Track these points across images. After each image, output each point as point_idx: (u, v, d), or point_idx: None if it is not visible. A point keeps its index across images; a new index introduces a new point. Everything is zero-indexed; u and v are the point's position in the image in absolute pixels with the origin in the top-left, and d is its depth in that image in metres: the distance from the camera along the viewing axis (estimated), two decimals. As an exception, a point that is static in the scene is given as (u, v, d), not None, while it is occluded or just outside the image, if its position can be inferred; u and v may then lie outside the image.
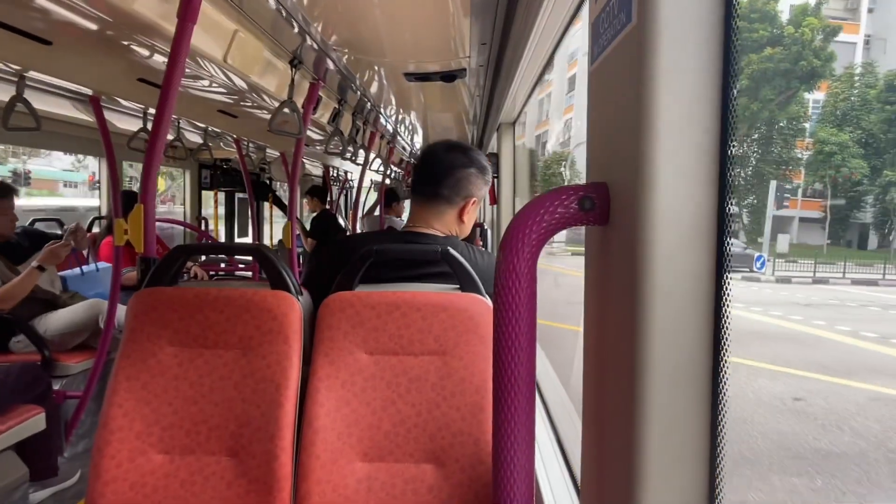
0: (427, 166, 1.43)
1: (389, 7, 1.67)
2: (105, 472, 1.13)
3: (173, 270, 1.28)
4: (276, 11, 1.70)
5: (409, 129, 4.47)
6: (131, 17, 1.52)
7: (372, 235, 1.56)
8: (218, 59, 1.86)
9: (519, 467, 0.53)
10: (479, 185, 1.44)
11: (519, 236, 0.50)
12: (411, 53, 2.15)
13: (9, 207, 2.61)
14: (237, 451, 1.16)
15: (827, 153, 22.09)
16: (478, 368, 1.20)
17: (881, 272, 16.62)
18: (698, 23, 0.43)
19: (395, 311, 1.22)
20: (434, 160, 1.42)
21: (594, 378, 0.58)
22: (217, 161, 5.28)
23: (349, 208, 8.36)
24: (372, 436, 1.18)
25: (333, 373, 1.20)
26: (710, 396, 0.47)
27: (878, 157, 22.19)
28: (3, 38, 1.64)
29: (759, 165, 23.28)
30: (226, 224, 6.27)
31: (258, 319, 1.21)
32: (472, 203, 1.43)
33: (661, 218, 0.45)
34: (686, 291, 0.46)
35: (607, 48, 0.53)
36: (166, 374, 1.19)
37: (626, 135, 0.48)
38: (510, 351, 0.51)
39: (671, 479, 0.46)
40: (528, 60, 1.70)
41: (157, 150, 1.44)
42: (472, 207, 1.44)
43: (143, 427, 1.17)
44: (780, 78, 21.83)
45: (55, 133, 3.10)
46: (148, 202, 1.42)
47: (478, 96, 2.98)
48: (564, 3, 1.24)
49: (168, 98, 1.40)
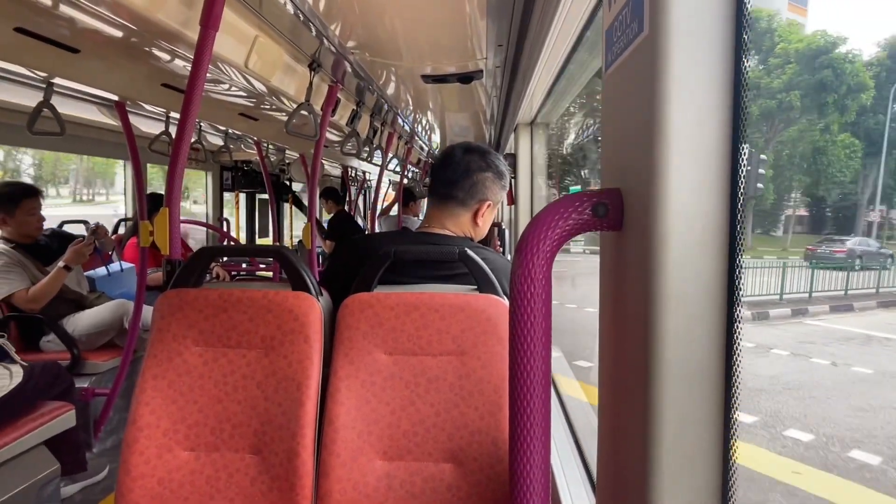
0: (444, 168, 1.44)
1: (406, 10, 1.69)
2: (134, 468, 1.17)
3: (198, 272, 1.32)
4: (294, 16, 1.73)
5: (426, 129, 4.49)
6: (155, 25, 1.56)
7: (387, 236, 1.58)
8: (239, 64, 1.89)
9: (535, 466, 0.54)
10: (495, 190, 1.45)
11: (534, 241, 0.51)
12: (428, 55, 2.17)
13: (36, 208, 2.68)
14: (260, 448, 1.19)
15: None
16: (495, 369, 1.21)
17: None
18: (709, 33, 0.43)
19: (414, 311, 1.23)
20: (451, 162, 1.43)
21: (610, 379, 0.59)
22: (237, 163, 5.36)
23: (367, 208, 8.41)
24: (391, 434, 1.20)
25: (353, 372, 1.22)
26: (723, 398, 0.48)
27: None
28: (33, 46, 1.69)
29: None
30: (246, 225, 6.36)
31: (280, 320, 1.23)
32: (486, 206, 1.44)
33: (674, 223, 0.45)
34: (699, 296, 0.46)
35: (620, 56, 0.54)
36: (192, 373, 1.23)
37: (639, 142, 0.49)
38: (526, 353, 0.52)
39: (685, 478, 0.47)
40: (544, 62, 1.70)
41: (181, 153, 1.47)
42: (487, 211, 1.45)
43: (170, 424, 1.20)
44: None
45: (78, 137, 3.18)
46: (173, 205, 1.46)
47: (495, 97, 2.99)
48: (580, 7, 1.25)
49: (192, 103, 1.43)
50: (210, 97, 2.57)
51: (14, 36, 1.60)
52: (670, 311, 0.46)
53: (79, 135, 3.17)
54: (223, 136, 3.90)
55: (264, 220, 6.60)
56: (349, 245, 1.49)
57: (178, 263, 1.39)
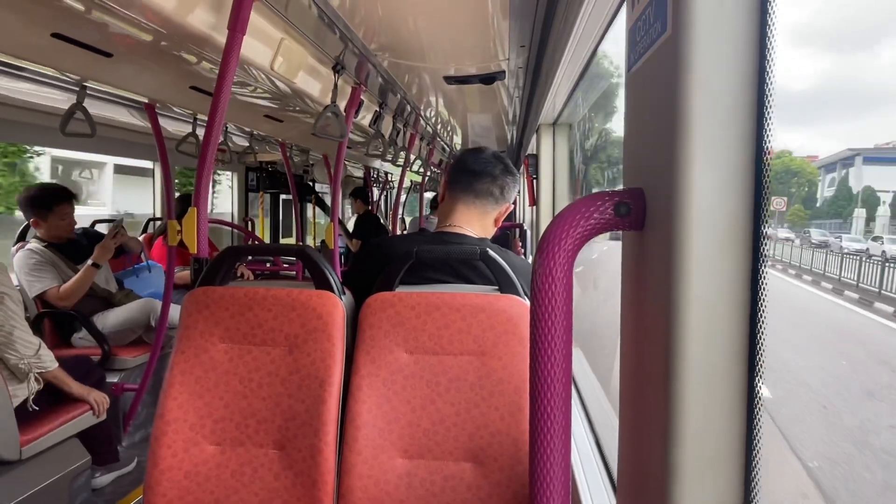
0: (482, 162, 1.44)
1: (429, 12, 1.70)
2: (161, 461, 1.20)
3: (224, 270, 1.34)
4: (319, 19, 1.75)
5: (448, 130, 4.50)
6: (184, 29, 1.60)
7: (407, 238, 1.58)
8: (265, 67, 1.93)
9: (555, 466, 0.55)
10: (514, 193, 1.50)
11: (555, 241, 0.52)
12: (451, 57, 2.17)
13: (69, 212, 2.75)
14: (284, 444, 1.21)
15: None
16: (516, 369, 1.20)
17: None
18: (733, 32, 0.43)
19: (435, 311, 1.24)
20: (487, 158, 1.44)
21: (631, 378, 0.59)
22: (262, 164, 5.44)
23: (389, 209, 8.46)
24: (412, 433, 1.20)
25: (374, 371, 1.23)
26: (746, 399, 0.47)
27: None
28: (69, 51, 1.74)
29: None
30: (271, 225, 6.44)
31: (303, 318, 1.25)
32: (508, 208, 1.49)
33: (697, 223, 0.45)
34: (722, 295, 0.46)
35: (644, 55, 0.54)
36: (218, 370, 1.25)
37: (661, 141, 0.49)
38: (546, 353, 0.52)
39: (706, 480, 0.47)
40: (567, 62, 1.69)
41: (209, 155, 1.50)
42: (506, 212, 1.50)
43: (197, 419, 1.23)
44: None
45: (108, 138, 3.25)
46: (200, 205, 1.49)
47: (517, 98, 2.98)
48: (604, 6, 1.24)
49: (219, 105, 1.46)
50: (237, 99, 2.62)
51: (50, 41, 1.65)
52: (692, 312, 0.46)
53: (108, 136, 3.24)
54: (248, 137, 3.97)
55: (288, 220, 6.69)
56: (369, 248, 1.51)
57: (206, 262, 1.42)
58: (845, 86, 66.76)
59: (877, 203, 14.41)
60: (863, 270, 9.52)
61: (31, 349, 1.93)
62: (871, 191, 15.02)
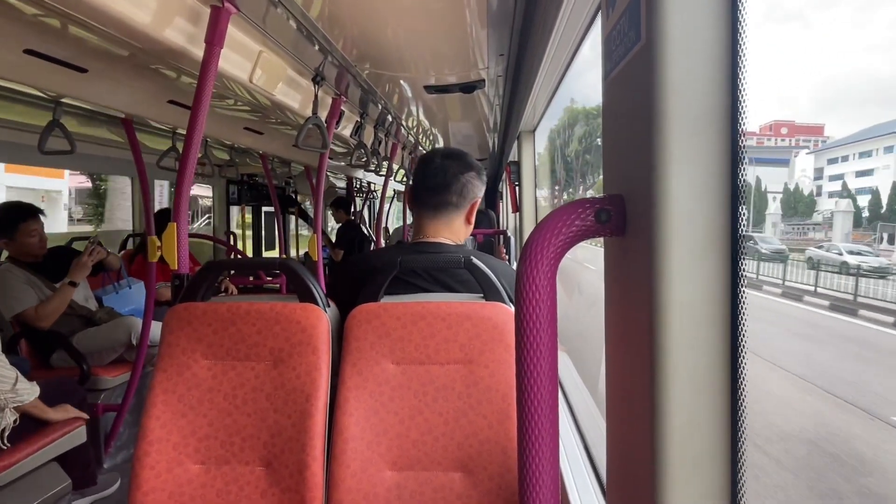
0: (431, 176, 1.43)
1: (407, 22, 1.71)
2: (145, 483, 1.17)
3: (205, 286, 1.33)
4: (297, 31, 1.75)
5: (430, 138, 4.52)
6: (161, 43, 1.58)
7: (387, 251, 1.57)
8: (244, 80, 1.92)
9: (544, 473, 0.55)
10: (479, 186, 1.47)
11: (538, 249, 0.52)
12: (430, 66, 2.18)
13: (36, 229, 2.67)
14: (270, 460, 1.19)
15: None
16: (503, 377, 1.20)
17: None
18: (705, 41, 0.44)
19: (421, 321, 1.24)
20: (437, 169, 1.42)
21: (617, 381, 0.59)
22: (243, 176, 5.41)
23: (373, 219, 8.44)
24: (400, 444, 1.20)
25: (361, 383, 1.22)
26: (730, 401, 0.48)
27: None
28: (43, 68, 1.71)
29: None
30: (253, 237, 6.39)
31: (288, 332, 1.24)
32: (475, 204, 1.47)
33: (676, 227, 0.46)
34: (703, 297, 0.47)
35: (619, 63, 0.54)
36: (201, 387, 1.23)
37: (639, 147, 0.49)
38: (532, 359, 0.53)
39: (693, 481, 0.47)
40: (545, 70, 1.71)
41: (188, 169, 1.49)
42: (474, 208, 1.47)
43: (180, 438, 1.21)
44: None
45: (86, 155, 3.20)
46: (180, 220, 1.47)
47: (497, 105, 3.00)
48: (580, 15, 1.26)
49: (198, 119, 1.45)
50: (216, 112, 2.60)
51: (23, 58, 1.63)
52: (675, 315, 0.46)
53: (88, 153, 3.20)
54: (229, 150, 3.94)
55: (270, 232, 6.64)
56: (348, 264, 1.50)
57: (187, 277, 1.40)
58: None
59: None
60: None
61: (7, 384, 1.86)
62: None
